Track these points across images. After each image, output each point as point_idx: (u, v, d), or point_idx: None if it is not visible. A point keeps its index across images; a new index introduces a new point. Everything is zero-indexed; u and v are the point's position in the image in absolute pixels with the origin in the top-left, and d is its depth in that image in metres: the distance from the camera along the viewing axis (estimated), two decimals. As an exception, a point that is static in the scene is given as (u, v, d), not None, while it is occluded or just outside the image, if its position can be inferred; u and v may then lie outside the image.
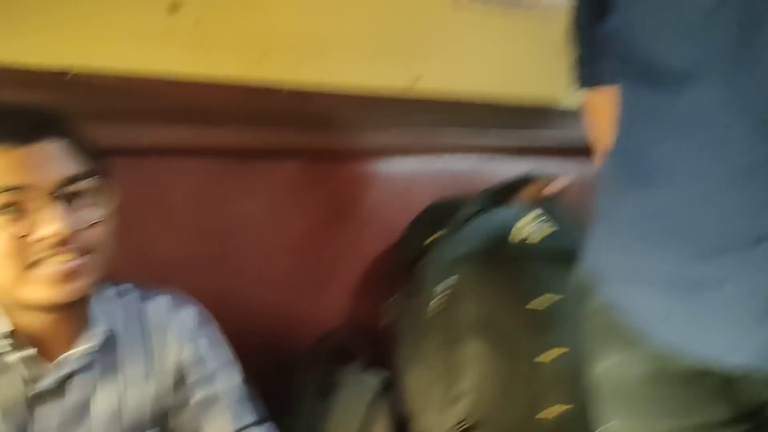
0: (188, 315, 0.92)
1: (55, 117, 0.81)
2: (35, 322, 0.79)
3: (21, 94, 1.08)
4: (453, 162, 1.43)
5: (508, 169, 1.40)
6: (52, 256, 0.74)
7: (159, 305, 0.91)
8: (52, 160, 0.76)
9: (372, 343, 1.25)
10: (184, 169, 1.17)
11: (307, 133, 1.27)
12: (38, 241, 0.74)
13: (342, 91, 1.29)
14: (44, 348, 0.80)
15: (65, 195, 0.76)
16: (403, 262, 1.25)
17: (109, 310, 0.86)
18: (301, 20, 1.27)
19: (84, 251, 0.77)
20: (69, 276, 0.76)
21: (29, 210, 0.74)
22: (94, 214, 0.79)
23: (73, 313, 0.82)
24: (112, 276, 0.87)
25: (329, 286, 1.30)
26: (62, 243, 0.74)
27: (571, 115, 1.53)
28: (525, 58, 1.49)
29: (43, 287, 0.75)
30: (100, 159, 0.83)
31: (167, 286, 0.96)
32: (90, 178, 0.79)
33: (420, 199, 1.34)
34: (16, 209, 0.74)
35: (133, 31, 1.15)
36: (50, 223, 0.73)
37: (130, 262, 0.92)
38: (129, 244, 0.88)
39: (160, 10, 1.15)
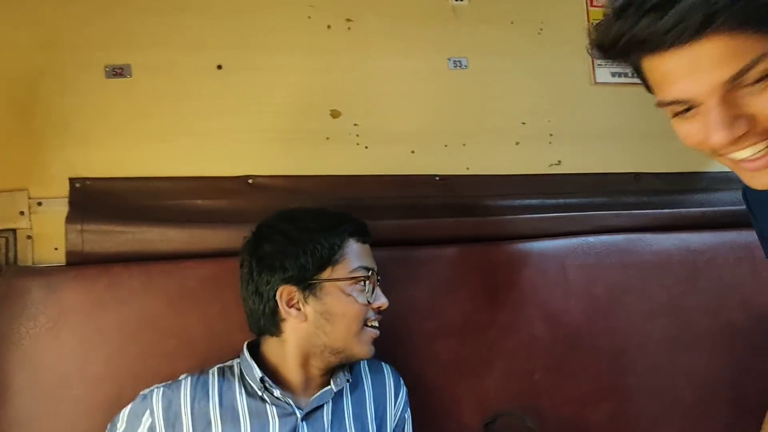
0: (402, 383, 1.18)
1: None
2: (317, 367, 1.05)
3: (212, 199, 1.23)
4: (603, 241, 1.42)
5: (659, 243, 1.40)
6: (375, 320, 1.06)
7: (388, 370, 1.18)
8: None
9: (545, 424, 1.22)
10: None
11: (461, 218, 1.33)
12: (373, 309, 1.06)
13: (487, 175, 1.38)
14: (301, 390, 1.05)
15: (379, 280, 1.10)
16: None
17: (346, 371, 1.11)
18: (445, 118, 1.37)
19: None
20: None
21: (371, 284, 1.06)
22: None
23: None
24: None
25: (492, 366, 1.28)
26: (382, 313, 1.07)
27: (720, 182, 1.53)
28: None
29: (365, 345, 1.05)
30: None
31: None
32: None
33: (573, 276, 1.36)
34: (368, 284, 1.05)
35: (301, 139, 1.29)
36: (382, 298, 1.07)
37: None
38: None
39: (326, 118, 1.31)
